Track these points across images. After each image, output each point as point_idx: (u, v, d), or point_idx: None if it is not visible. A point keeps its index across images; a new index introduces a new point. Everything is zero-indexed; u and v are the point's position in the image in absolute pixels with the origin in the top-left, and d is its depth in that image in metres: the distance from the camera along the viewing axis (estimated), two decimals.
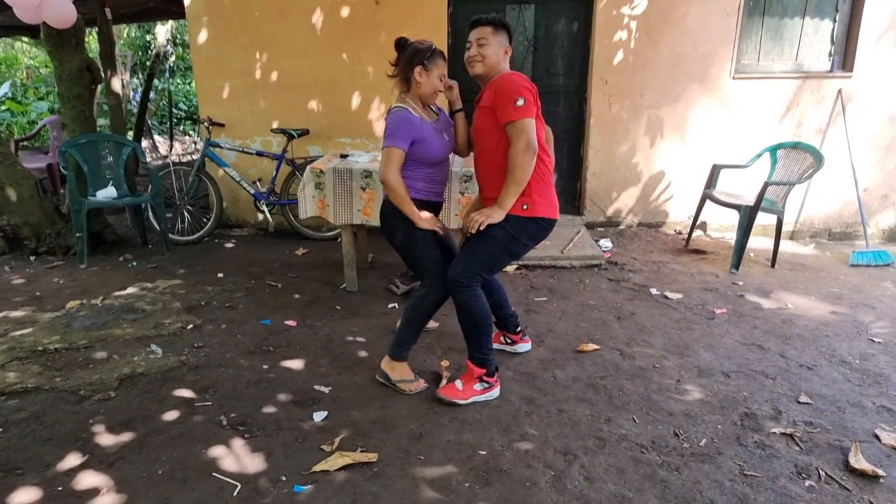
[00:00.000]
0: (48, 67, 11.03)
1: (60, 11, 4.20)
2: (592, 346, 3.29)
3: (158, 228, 4.97)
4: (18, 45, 13.01)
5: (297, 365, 3.08)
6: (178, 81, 12.96)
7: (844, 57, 5.26)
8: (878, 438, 2.49)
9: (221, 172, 5.26)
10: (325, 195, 3.85)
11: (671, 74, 5.25)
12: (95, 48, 7.44)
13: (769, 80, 5.25)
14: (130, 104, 9.94)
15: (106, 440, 2.45)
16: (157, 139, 10.41)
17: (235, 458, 2.34)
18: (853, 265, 4.78)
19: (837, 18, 5.19)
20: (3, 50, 13.00)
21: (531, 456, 2.35)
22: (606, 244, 5.05)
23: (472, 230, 2.56)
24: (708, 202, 4.94)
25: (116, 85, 5.73)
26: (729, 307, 3.88)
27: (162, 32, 10.54)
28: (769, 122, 5.32)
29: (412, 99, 2.69)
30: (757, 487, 2.19)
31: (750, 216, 4.46)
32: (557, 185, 5.62)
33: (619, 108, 5.33)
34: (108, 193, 4.86)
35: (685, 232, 5.36)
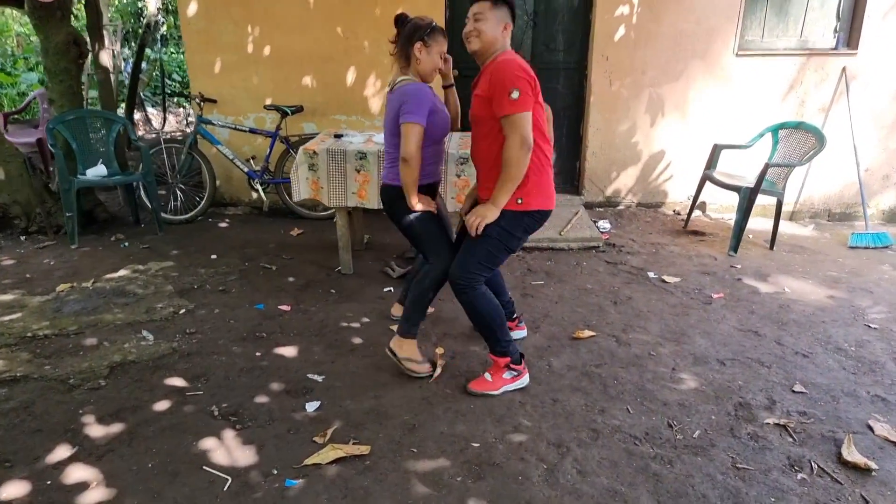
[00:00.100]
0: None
1: None
2: (588, 332, 3.27)
3: (150, 207, 4.90)
4: (9, 11, 12.69)
5: (290, 352, 3.06)
6: (171, 51, 12.68)
7: (850, 33, 5.14)
8: (871, 429, 2.49)
9: (214, 150, 5.16)
10: (318, 177, 3.78)
11: (673, 51, 5.13)
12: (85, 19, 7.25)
13: (773, 57, 5.13)
14: (122, 75, 9.75)
15: (96, 431, 2.43)
16: (150, 111, 10.23)
17: (226, 450, 2.33)
18: (852, 247, 4.74)
19: None
20: None
21: (524, 448, 2.34)
22: (605, 225, 5.00)
23: (471, 233, 2.51)
24: (708, 183, 4.87)
25: (105, 58, 5.60)
26: (726, 291, 3.85)
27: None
28: (772, 100, 5.23)
29: (413, 76, 2.63)
30: (749, 481, 2.18)
31: (750, 198, 4.40)
32: (556, 164, 5.58)
33: (619, 85, 5.23)
34: (97, 172, 4.77)
35: (684, 212, 5.31)
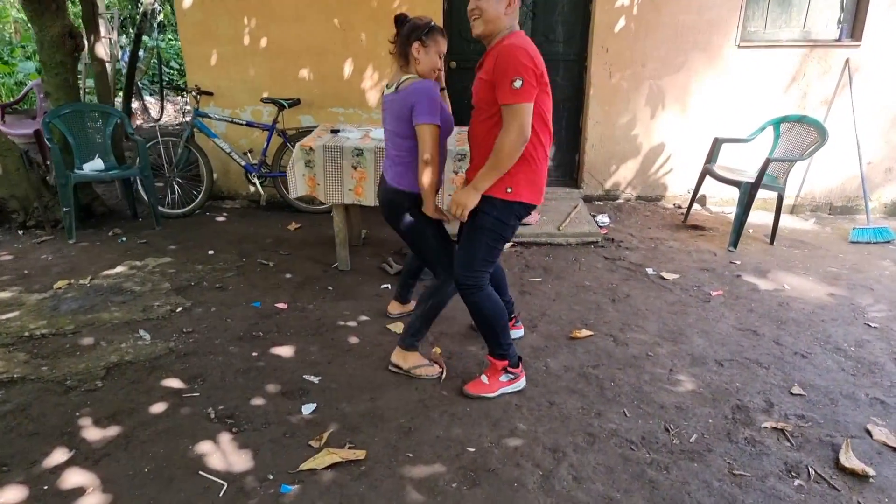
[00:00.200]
0: None
1: None
2: (586, 332, 3.26)
3: (148, 202, 4.88)
4: None
5: (286, 352, 3.05)
6: (168, 37, 12.57)
7: (854, 24, 5.07)
8: (869, 434, 2.48)
9: (211, 144, 5.13)
10: (315, 173, 3.75)
11: (674, 43, 5.07)
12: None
13: (775, 48, 5.07)
14: (119, 63, 9.67)
15: (92, 435, 2.43)
16: (147, 100, 10.17)
17: (222, 454, 2.33)
18: (853, 242, 4.71)
19: None
20: None
21: (520, 454, 2.34)
22: (603, 220, 4.97)
23: (454, 219, 2.48)
24: (708, 177, 4.83)
25: (101, 50, 5.55)
26: (725, 288, 3.83)
27: None
28: (774, 93, 5.17)
29: (413, 75, 2.58)
30: (746, 488, 2.18)
31: (750, 193, 4.37)
32: (555, 157, 5.56)
33: (619, 77, 5.17)
34: (94, 166, 4.74)
35: (684, 206, 5.28)
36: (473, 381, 2.74)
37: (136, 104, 9.16)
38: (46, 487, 2.16)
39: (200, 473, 2.22)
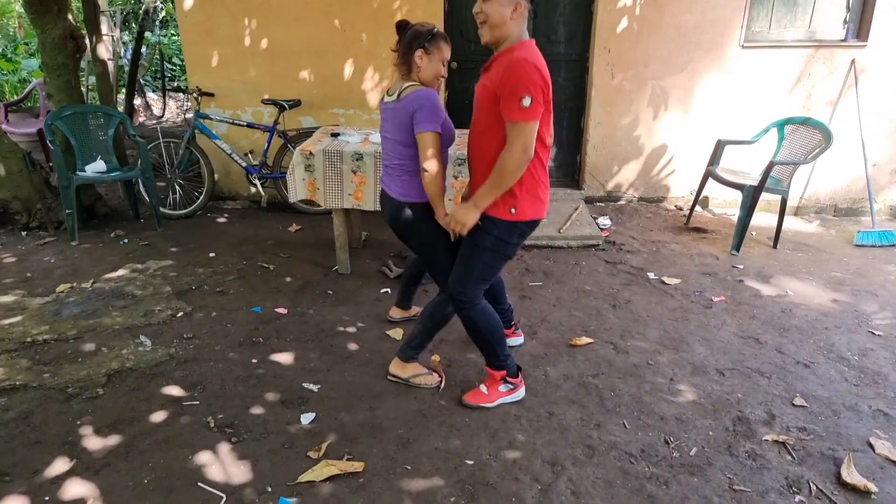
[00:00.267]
0: None
1: None
2: (586, 339, 3.25)
3: (149, 203, 4.88)
4: None
5: (286, 359, 3.05)
6: (171, 33, 12.55)
7: (860, 24, 5.02)
8: (871, 447, 2.47)
9: (212, 145, 5.12)
10: (315, 178, 3.74)
11: (677, 43, 5.03)
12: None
13: (780, 49, 5.02)
14: (122, 60, 9.65)
15: (93, 444, 2.43)
16: (150, 97, 10.16)
17: (221, 465, 2.33)
18: (858, 245, 4.68)
19: None
20: None
21: (518, 467, 2.33)
22: (605, 222, 4.95)
23: (454, 236, 2.46)
24: (710, 179, 4.81)
25: (103, 51, 5.53)
26: (727, 294, 3.81)
27: None
28: (778, 94, 5.13)
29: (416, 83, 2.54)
30: (746, 503, 2.17)
31: (753, 197, 4.34)
32: (557, 157, 5.53)
33: (621, 78, 5.14)
34: (96, 168, 4.75)
35: (686, 207, 5.25)
36: (472, 390, 2.73)
37: (138, 101, 9.15)
38: (48, 498, 2.17)
39: (199, 485, 2.23)
